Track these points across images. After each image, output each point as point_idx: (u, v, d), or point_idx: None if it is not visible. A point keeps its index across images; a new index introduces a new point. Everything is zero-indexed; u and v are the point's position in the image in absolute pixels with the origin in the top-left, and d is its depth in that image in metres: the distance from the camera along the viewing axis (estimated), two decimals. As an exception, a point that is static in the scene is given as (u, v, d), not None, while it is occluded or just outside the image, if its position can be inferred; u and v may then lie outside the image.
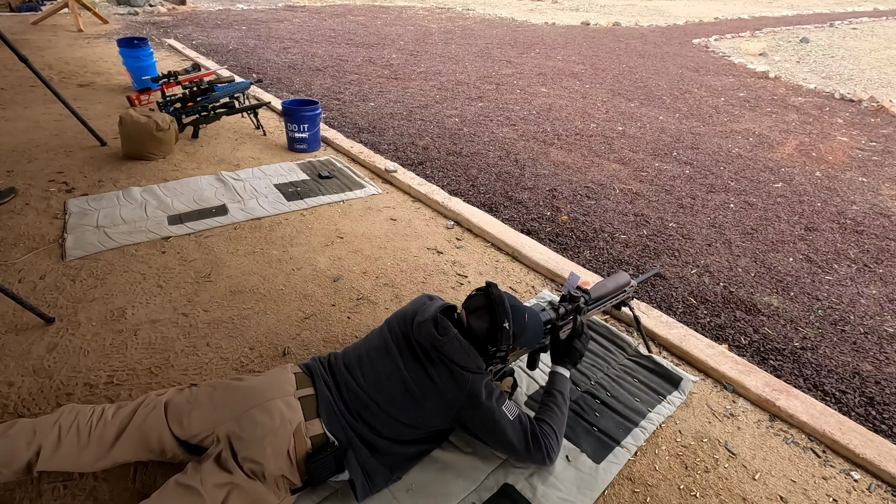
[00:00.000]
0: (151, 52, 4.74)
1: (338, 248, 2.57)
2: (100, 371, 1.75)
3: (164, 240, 2.53)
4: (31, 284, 2.16)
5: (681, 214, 3.20)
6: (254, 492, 1.22)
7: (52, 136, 3.65)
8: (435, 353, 1.37)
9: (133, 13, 8.80)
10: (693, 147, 4.32)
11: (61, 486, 1.37)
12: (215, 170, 3.30)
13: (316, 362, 1.50)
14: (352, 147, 3.76)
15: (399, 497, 1.39)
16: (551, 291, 2.37)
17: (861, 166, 4.11)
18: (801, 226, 3.15)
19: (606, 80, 6.41)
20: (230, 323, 2.02)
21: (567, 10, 12.39)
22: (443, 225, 2.87)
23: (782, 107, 5.61)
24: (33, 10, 8.44)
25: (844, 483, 1.56)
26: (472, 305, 1.45)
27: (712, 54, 8.20)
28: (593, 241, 2.86)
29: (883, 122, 5.25)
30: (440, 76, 6.11)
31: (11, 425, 1.31)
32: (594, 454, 1.56)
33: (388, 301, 2.22)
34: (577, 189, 3.46)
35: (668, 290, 2.48)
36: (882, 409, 1.88)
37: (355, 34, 8.25)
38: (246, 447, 1.25)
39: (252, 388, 1.36)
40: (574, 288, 1.82)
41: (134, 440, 1.33)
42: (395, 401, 1.38)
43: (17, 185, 2.94)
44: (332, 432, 1.33)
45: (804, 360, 2.09)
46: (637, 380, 1.86)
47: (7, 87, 4.66)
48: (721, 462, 1.59)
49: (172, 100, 3.68)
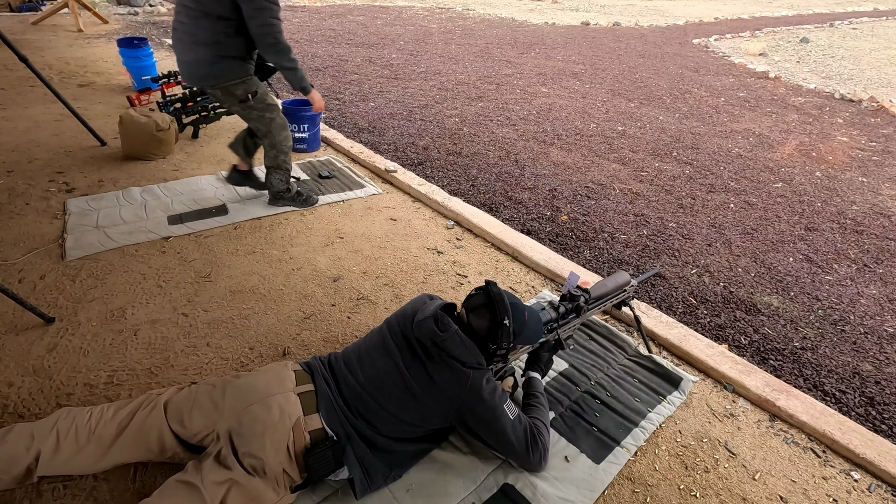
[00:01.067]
0: (151, 52, 4.74)
1: (338, 248, 2.57)
2: (100, 371, 1.75)
3: (164, 240, 2.53)
4: (31, 284, 2.16)
5: (681, 214, 3.20)
6: (253, 489, 1.23)
7: (52, 136, 3.65)
8: (435, 349, 1.37)
9: (133, 13, 8.80)
10: (693, 147, 4.32)
11: (61, 487, 1.37)
12: (215, 170, 3.31)
13: (316, 361, 1.51)
14: (352, 147, 3.76)
15: (399, 497, 1.39)
16: (551, 291, 2.37)
17: (861, 166, 4.11)
18: (801, 226, 3.15)
19: (606, 80, 6.41)
20: (230, 323, 2.02)
21: (567, 10, 12.40)
22: (443, 225, 2.87)
23: (782, 107, 5.61)
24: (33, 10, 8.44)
25: (844, 483, 1.56)
26: (472, 304, 1.46)
27: (712, 54, 8.20)
28: (593, 241, 2.86)
29: (883, 122, 5.26)
30: (440, 76, 6.11)
31: (9, 431, 1.30)
32: (594, 454, 1.56)
33: (388, 301, 2.22)
34: (577, 189, 3.46)
35: (668, 290, 2.48)
36: (882, 409, 1.88)
37: (355, 34, 8.25)
38: (246, 442, 1.25)
39: (252, 384, 1.37)
40: (574, 287, 1.82)
41: (134, 440, 1.33)
42: (394, 398, 1.38)
43: (17, 185, 2.94)
44: (330, 427, 1.33)
45: (804, 360, 2.09)
46: (637, 380, 1.86)
47: (7, 87, 4.66)
48: (721, 462, 1.59)
49: (172, 100, 3.68)
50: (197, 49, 2.25)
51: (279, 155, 2.64)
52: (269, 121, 2.51)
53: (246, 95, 2.36)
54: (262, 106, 2.45)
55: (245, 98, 2.37)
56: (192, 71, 2.33)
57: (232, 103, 2.42)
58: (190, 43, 2.26)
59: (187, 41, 2.27)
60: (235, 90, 2.34)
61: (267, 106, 2.47)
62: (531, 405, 1.55)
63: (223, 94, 2.37)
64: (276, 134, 2.56)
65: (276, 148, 2.62)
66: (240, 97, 2.36)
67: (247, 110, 2.45)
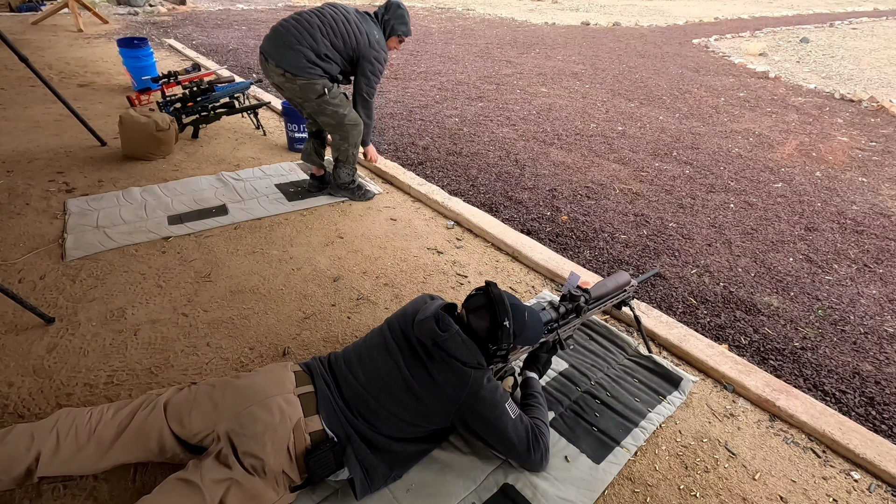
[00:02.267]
0: (151, 52, 4.74)
1: (338, 248, 2.57)
2: (100, 371, 1.75)
3: (164, 240, 2.53)
4: (31, 284, 2.16)
5: (681, 214, 3.20)
6: (253, 488, 1.23)
7: (52, 136, 3.65)
8: (436, 349, 1.38)
9: (133, 13, 8.80)
10: (693, 147, 4.32)
11: (61, 486, 1.37)
12: (215, 170, 3.31)
13: (316, 361, 1.51)
14: (352, 147, 3.76)
15: (399, 497, 1.39)
16: (551, 291, 2.37)
17: (861, 166, 4.11)
18: (801, 226, 3.15)
19: (606, 80, 6.41)
20: (230, 323, 2.02)
21: (567, 10, 12.40)
22: (443, 225, 2.87)
23: (782, 107, 5.61)
24: (33, 10, 8.45)
25: (844, 483, 1.56)
26: (472, 304, 1.46)
27: (712, 54, 8.20)
28: (593, 241, 2.86)
29: (883, 122, 5.26)
30: (440, 76, 6.12)
31: (8, 432, 1.30)
32: (594, 454, 1.56)
33: (388, 301, 2.22)
34: (577, 189, 3.46)
35: (668, 290, 2.48)
36: (882, 409, 1.88)
37: (355, 34, 8.24)
38: (246, 443, 1.25)
39: (252, 385, 1.37)
40: (574, 287, 1.82)
41: (133, 440, 1.33)
42: (395, 398, 1.38)
43: (17, 185, 2.94)
44: (330, 429, 1.33)
45: (804, 360, 2.09)
46: (637, 380, 1.86)
47: (7, 87, 4.66)
48: (721, 462, 1.59)
49: (172, 100, 3.68)
50: (307, 51, 2.51)
51: (350, 149, 2.83)
52: (343, 116, 2.70)
53: (323, 90, 2.59)
54: (336, 101, 2.66)
55: (322, 93, 2.60)
56: (289, 57, 2.51)
57: (309, 98, 2.61)
58: (304, 45, 2.50)
59: (303, 42, 2.50)
60: (315, 85, 2.57)
61: (341, 101, 2.68)
62: (530, 405, 1.55)
63: (303, 88, 2.57)
64: (348, 129, 2.75)
65: (347, 141, 2.79)
66: (318, 92, 2.59)
67: (322, 105, 2.63)
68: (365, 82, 2.72)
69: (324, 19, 2.56)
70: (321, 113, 2.69)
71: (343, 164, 2.90)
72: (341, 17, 2.59)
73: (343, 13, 2.61)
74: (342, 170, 2.93)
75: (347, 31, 2.57)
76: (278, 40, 2.54)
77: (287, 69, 2.52)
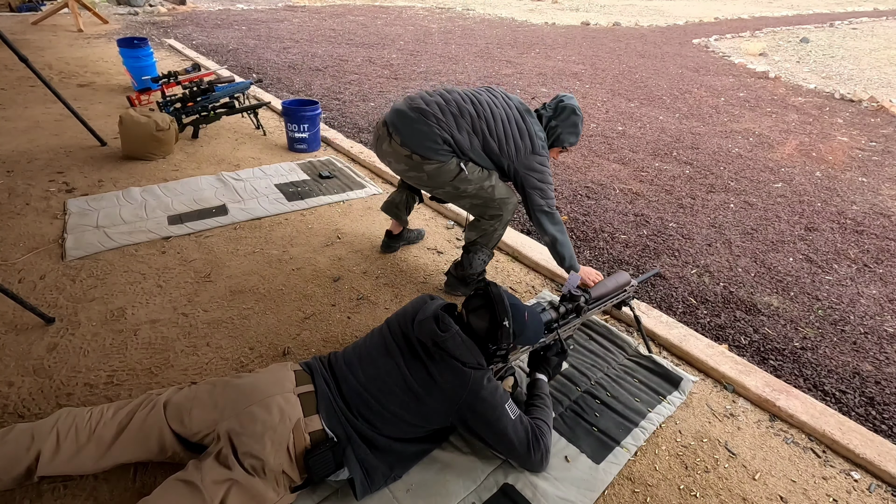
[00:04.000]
0: (151, 52, 4.74)
1: (338, 248, 2.57)
2: (100, 371, 1.75)
3: (164, 240, 2.53)
4: (31, 284, 2.16)
5: (681, 214, 3.20)
6: (253, 488, 1.23)
7: (52, 136, 3.65)
8: (436, 349, 1.38)
9: (133, 13, 8.80)
10: (693, 147, 4.32)
11: (61, 487, 1.37)
12: (215, 170, 3.31)
13: (316, 361, 1.51)
14: (352, 147, 3.76)
15: (399, 497, 1.39)
16: (551, 291, 2.37)
17: (861, 166, 4.11)
18: (801, 226, 3.15)
19: (606, 80, 6.41)
20: (230, 323, 2.02)
21: (567, 10, 12.40)
22: (443, 225, 2.87)
23: (782, 107, 5.61)
24: (33, 10, 8.44)
25: (844, 483, 1.56)
26: (472, 304, 1.46)
27: (712, 54, 8.20)
28: (593, 241, 2.86)
29: (883, 122, 5.26)
30: (440, 76, 6.11)
31: (9, 431, 1.30)
32: (594, 454, 1.56)
33: (388, 301, 2.22)
34: (577, 189, 3.46)
35: (668, 290, 2.48)
36: (882, 409, 1.88)
37: (355, 34, 8.25)
38: (246, 443, 1.25)
39: (252, 385, 1.37)
40: (574, 287, 1.82)
41: (134, 439, 1.33)
42: (395, 398, 1.38)
43: (17, 185, 2.94)
44: (330, 429, 1.33)
45: (804, 360, 2.09)
46: (637, 380, 1.86)
47: (7, 87, 4.66)
48: (721, 462, 1.59)
49: (172, 100, 3.68)
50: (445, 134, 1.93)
51: (500, 230, 2.17)
52: (491, 188, 2.04)
53: (458, 167, 1.97)
54: (476, 176, 2.00)
55: (458, 171, 1.97)
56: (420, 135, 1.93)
57: (441, 182, 2.01)
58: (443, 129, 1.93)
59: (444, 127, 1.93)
60: (447, 166, 1.96)
61: (482, 174, 2.02)
62: (535, 405, 1.54)
63: (431, 175, 1.98)
64: (500, 204, 2.08)
65: (501, 220, 2.13)
66: (453, 172, 1.97)
67: (460, 185, 2.00)
68: (539, 195, 2.00)
69: (480, 110, 1.95)
70: (460, 196, 2.05)
71: (483, 248, 2.19)
72: (502, 113, 1.97)
73: (505, 107, 1.99)
74: (480, 255, 2.20)
75: (507, 133, 1.96)
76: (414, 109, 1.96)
77: (415, 150, 1.94)
